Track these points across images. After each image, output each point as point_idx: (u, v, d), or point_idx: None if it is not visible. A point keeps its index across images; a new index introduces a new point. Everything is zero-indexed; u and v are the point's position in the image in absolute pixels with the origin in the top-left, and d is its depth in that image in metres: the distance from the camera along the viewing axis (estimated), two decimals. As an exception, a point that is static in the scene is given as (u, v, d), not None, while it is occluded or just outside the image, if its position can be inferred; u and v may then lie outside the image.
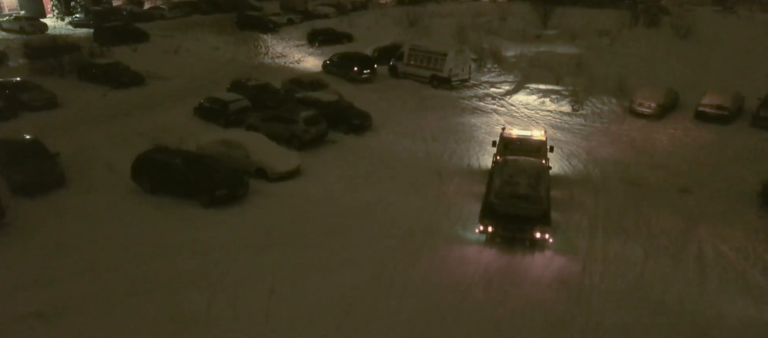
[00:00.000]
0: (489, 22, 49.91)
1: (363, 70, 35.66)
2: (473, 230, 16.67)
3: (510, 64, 38.34)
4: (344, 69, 36.06)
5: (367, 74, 35.84)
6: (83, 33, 47.60)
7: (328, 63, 37.76)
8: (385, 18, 52.83)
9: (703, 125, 26.17)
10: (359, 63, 35.95)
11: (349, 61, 36.36)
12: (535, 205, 15.95)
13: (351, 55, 37.75)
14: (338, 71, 36.49)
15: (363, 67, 35.74)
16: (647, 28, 48.03)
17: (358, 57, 36.99)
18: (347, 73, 35.74)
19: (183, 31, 50.23)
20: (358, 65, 35.70)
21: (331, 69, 37.29)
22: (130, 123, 26.70)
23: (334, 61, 37.42)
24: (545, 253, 15.83)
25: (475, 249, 16.02)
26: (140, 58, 39.80)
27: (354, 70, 35.46)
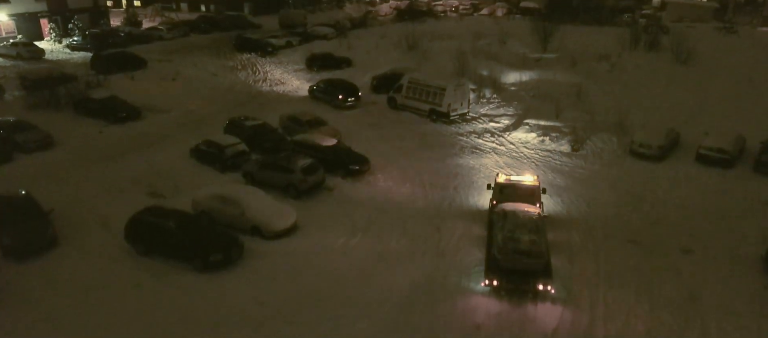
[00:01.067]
0: (488, 46, 49.64)
1: (348, 98, 36.61)
2: (479, 282, 17.58)
3: (509, 94, 38.08)
4: (330, 96, 37.08)
5: (351, 102, 36.75)
6: (80, 58, 47.45)
7: (314, 88, 38.65)
8: (384, 40, 52.55)
9: (704, 169, 25.85)
10: (344, 91, 36.97)
11: (334, 88, 37.47)
12: (537, 259, 16.85)
13: (336, 82, 38.74)
14: (324, 97, 37.52)
15: (348, 94, 36.83)
16: (647, 52, 47.84)
17: (343, 85, 37.96)
18: (333, 100, 36.66)
19: (181, 54, 50.03)
20: (343, 93, 36.71)
21: (317, 94, 38.30)
22: (126, 166, 26.42)
23: (320, 87, 38.38)
24: (548, 304, 16.69)
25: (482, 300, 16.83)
26: (137, 86, 39.60)
27: (339, 98, 36.36)
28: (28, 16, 52.40)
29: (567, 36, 50.64)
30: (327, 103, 37.04)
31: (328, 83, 38.44)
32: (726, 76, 41.09)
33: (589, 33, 59.62)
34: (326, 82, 38.61)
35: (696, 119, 32.92)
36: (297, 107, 35.24)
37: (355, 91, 37.50)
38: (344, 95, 36.75)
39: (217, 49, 52.27)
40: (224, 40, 58.55)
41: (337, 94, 36.79)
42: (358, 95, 37.33)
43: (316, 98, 38.16)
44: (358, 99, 37.23)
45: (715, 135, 26.90)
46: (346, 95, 36.81)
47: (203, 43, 55.77)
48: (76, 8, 56.59)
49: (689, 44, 44.64)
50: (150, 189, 24.05)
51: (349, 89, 37.53)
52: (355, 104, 36.79)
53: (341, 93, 36.79)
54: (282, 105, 36.83)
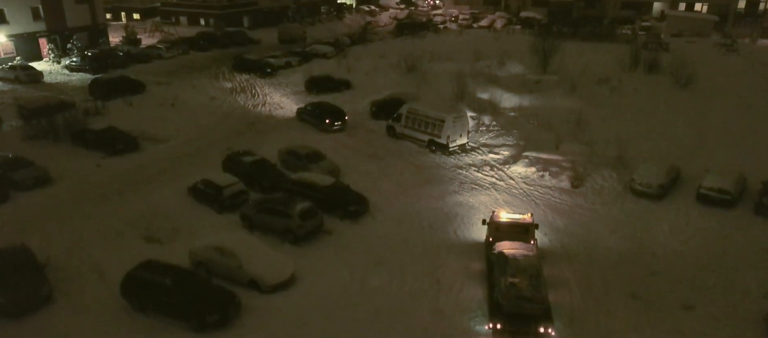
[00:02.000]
0: (488, 68, 49.47)
1: (334, 122, 37.35)
2: (483, 325, 18.45)
3: (509, 121, 37.91)
4: (317, 119, 37.83)
5: (338, 126, 37.45)
6: (79, 80, 47.29)
7: (301, 111, 39.41)
8: (384, 61, 52.35)
9: (705, 209, 25.67)
10: (331, 115, 37.78)
11: (322, 111, 38.23)
12: (538, 304, 17.81)
13: (324, 105, 39.36)
14: (311, 120, 38.27)
15: (335, 118, 37.58)
16: (647, 74, 47.66)
17: (330, 108, 38.68)
18: (320, 123, 37.42)
19: (180, 75, 49.90)
20: (330, 117, 37.48)
21: (304, 117, 39.03)
22: (123, 206, 26.24)
23: (307, 110, 39.14)
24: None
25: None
26: (136, 113, 39.47)
27: (326, 122, 37.15)
28: (27, 37, 52.27)
29: (567, 55, 50.41)
30: (314, 126, 37.80)
31: (315, 106, 39.05)
32: (726, 103, 40.91)
33: (589, 51, 59.44)
34: (314, 106, 39.21)
35: (697, 152, 32.73)
36: (296, 137, 35.13)
37: (342, 114, 38.16)
38: (331, 119, 37.46)
39: (217, 69, 52.18)
40: (223, 58, 58.51)
41: (324, 117, 37.45)
42: (344, 118, 38.00)
43: (304, 120, 38.85)
44: (345, 122, 37.88)
45: (716, 174, 26.70)
46: (333, 119, 37.52)
47: (202, 63, 55.62)
48: (75, 27, 56.43)
49: (689, 67, 44.53)
50: (147, 233, 23.88)
51: (336, 112, 38.20)
52: (341, 127, 37.44)
53: (328, 117, 37.50)
54: (281, 133, 36.69)
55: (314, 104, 39.87)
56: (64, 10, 55.10)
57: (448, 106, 39.36)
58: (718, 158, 31.76)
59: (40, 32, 53.35)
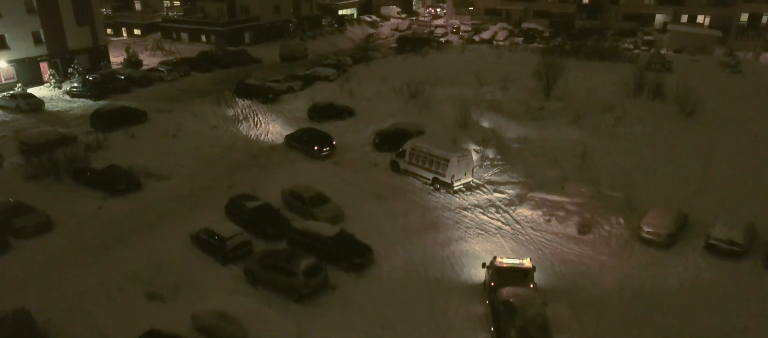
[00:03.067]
0: (491, 93, 49.17)
1: (322, 149, 38.12)
2: None
3: (513, 154, 37.57)
4: (305, 146, 38.62)
5: (326, 152, 38.19)
6: (80, 107, 47.06)
7: (290, 137, 40.22)
8: (386, 86, 52.00)
9: (714, 260, 25.35)
10: (319, 141, 38.49)
11: (310, 138, 39.02)
12: None
13: (312, 132, 40.10)
14: (299, 147, 39.05)
15: (323, 145, 38.33)
16: (652, 100, 47.36)
17: (318, 135, 39.36)
18: (308, 150, 38.25)
19: (182, 101, 49.65)
20: (318, 144, 38.25)
21: (292, 144, 39.71)
22: (125, 256, 25.97)
23: (295, 136, 39.99)
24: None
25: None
26: (137, 145, 39.24)
27: (314, 149, 37.97)
28: (28, 61, 52.08)
29: (570, 76, 49.97)
30: (303, 152, 38.53)
31: (303, 133, 39.85)
32: (732, 134, 40.62)
33: (591, 72, 59.25)
34: (302, 132, 40.03)
35: (704, 191, 32.39)
36: (299, 174, 34.84)
37: (329, 140, 38.85)
38: (319, 145, 38.17)
39: (218, 94, 51.91)
40: (225, 80, 58.25)
41: (312, 144, 38.21)
42: (332, 144, 38.71)
43: (292, 146, 39.55)
44: (333, 148, 38.65)
45: (725, 222, 26.34)
46: (322, 145, 38.22)
47: (204, 86, 55.40)
48: (76, 49, 56.26)
49: (694, 95, 44.18)
50: (149, 288, 23.58)
51: (324, 139, 38.86)
52: (330, 152, 38.27)
53: (316, 144, 38.21)
54: (284, 167, 36.40)
55: (302, 130, 40.61)
56: (65, 33, 54.96)
57: (452, 141, 39.13)
58: (726, 197, 31.45)
59: (41, 57, 53.15)
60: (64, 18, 54.48)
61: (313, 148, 37.97)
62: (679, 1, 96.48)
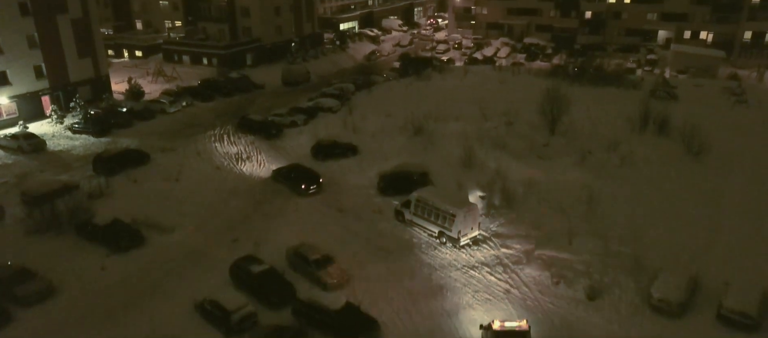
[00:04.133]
0: (495, 129, 48.80)
1: (310, 186, 38.65)
2: None
3: (520, 201, 37.16)
4: (292, 183, 39.12)
5: (313, 190, 38.68)
6: (82, 146, 46.76)
7: (277, 172, 40.80)
8: (390, 121, 51.63)
9: (726, 332, 25.00)
10: (306, 179, 39.08)
11: (297, 175, 39.60)
12: None
13: (299, 168, 40.74)
14: (286, 184, 39.45)
15: (310, 183, 38.88)
16: (657, 137, 46.99)
17: (305, 173, 40.00)
18: (295, 188, 38.76)
19: (184, 136, 49.36)
20: (306, 182, 38.84)
21: (279, 179, 40.15)
22: (128, 328, 25.66)
23: (282, 172, 40.56)
24: None
25: None
26: (140, 192, 38.92)
27: (302, 187, 38.50)
28: (30, 96, 51.78)
29: (573, 105, 49.43)
30: (290, 189, 38.99)
31: (290, 170, 40.43)
32: (741, 176, 40.35)
33: (595, 101, 58.87)
34: (289, 169, 40.61)
35: (714, 245, 32.01)
36: (304, 225, 34.54)
37: (317, 178, 39.40)
38: (306, 183, 38.73)
39: (221, 128, 51.62)
40: (227, 110, 57.96)
41: (299, 182, 38.80)
42: (319, 182, 39.21)
43: (279, 182, 40.04)
44: (320, 185, 39.11)
45: (737, 290, 25.97)
46: (309, 183, 38.79)
47: (206, 118, 55.06)
48: (78, 81, 55.96)
49: (699, 133, 43.77)
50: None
51: (311, 177, 39.48)
52: (317, 190, 38.69)
53: (304, 182, 38.78)
54: (288, 217, 36.07)
55: (290, 166, 41.21)
56: (67, 66, 54.70)
57: (457, 186, 38.88)
58: (736, 252, 31.13)
59: (43, 90, 52.84)
60: (65, 51, 54.19)
61: (301, 186, 38.51)
62: (682, 17, 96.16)
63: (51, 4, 52.23)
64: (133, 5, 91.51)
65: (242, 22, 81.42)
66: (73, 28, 54.40)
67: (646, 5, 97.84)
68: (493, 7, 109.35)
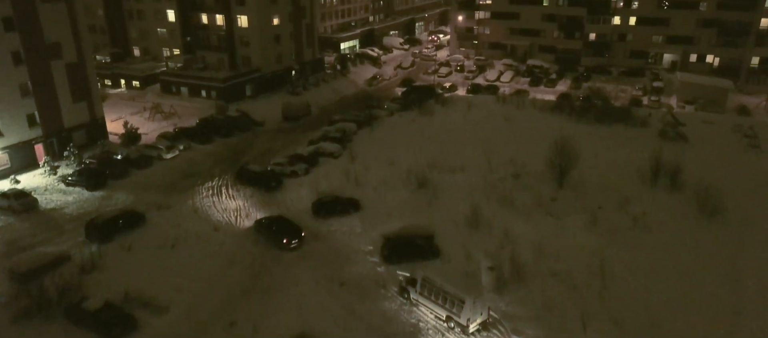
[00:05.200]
0: (502, 182, 47.36)
1: (291, 241, 38.24)
2: None
3: (530, 275, 35.63)
4: (274, 237, 38.71)
5: (295, 244, 38.32)
6: (76, 203, 45.21)
7: (259, 224, 40.51)
8: (392, 170, 50.21)
9: None
10: (288, 233, 38.59)
11: (279, 228, 39.17)
12: None
13: (281, 221, 40.27)
14: (268, 237, 39.11)
15: (291, 237, 38.42)
16: (669, 192, 45.52)
17: (287, 227, 39.49)
18: (277, 242, 38.31)
19: (181, 189, 48.00)
20: (287, 236, 38.35)
21: (261, 230, 39.98)
22: None
23: (263, 223, 40.29)
24: None
25: None
26: (134, 262, 37.39)
27: (283, 241, 38.06)
28: (22, 146, 50.29)
29: (581, 147, 47.96)
30: (271, 243, 38.63)
31: (272, 221, 40.16)
32: (759, 241, 38.90)
33: (604, 141, 57.59)
34: (270, 221, 40.30)
35: (737, 329, 30.59)
36: (305, 301, 33.08)
37: (299, 233, 39.08)
38: (288, 238, 38.29)
39: (220, 179, 50.22)
40: (226, 155, 56.56)
41: (280, 237, 38.33)
42: (301, 236, 38.89)
43: (260, 233, 39.89)
44: (302, 239, 38.83)
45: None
46: (290, 237, 38.37)
47: (204, 165, 53.60)
48: (73, 126, 54.50)
49: (713, 190, 42.38)
50: None
51: (293, 230, 39.08)
52: (298, 245, 38.38)
53: (285, 236, 38.32)
54: (289, 292, 34.54)
55: (271, 218, 40.86)
56: (61, 112, 53.22)
57: (466, 257, 37.32)
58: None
59: (36, 139, 51.37)
60: (60, 97, 52.76)
61: (282, 240, 38.11)
62: (687, 40, 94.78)
63: (45, 51, 50.81)
64: (130, 32, 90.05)
65: (242, 51, 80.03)
66: (67, 73, 52.98)
67: (652, 27, 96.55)
68: (495, 27, 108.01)
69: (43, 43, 50.61)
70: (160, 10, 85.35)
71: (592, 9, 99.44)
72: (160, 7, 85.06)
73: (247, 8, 76.96)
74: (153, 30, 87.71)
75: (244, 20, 77.91)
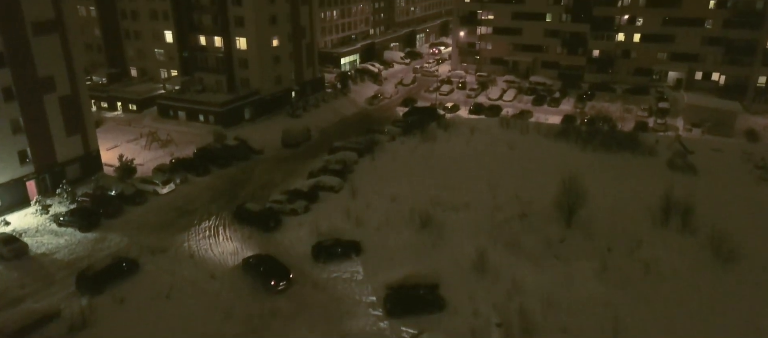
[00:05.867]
0: (508, 223, 45.87)
1: (279, 283, 37.57)
2: None
3: (538, 330, 34.21)
4: (261, 279, 38.00)
5: (283, 286, 37.58)
6: (67, 246, 43.74)
7: (246, 262, 40.07)
8: (395, 208, 48.70)
9: None
10: (276, 275, 37.88)
11: (266, 269, 38.40)
12: None
13: (268, 261, 39.50)
14: (255, 277, 38.45)
15: (279, 279, 37.71)
16: (681, 234, 43.99)
17: (275, 268, 38.64)
18: (264, 284, 37.57)
19: (178, 229, 46.57)
20: (275, 278, 37.64)
21: (248, 270, 39.35)
22: None
23: (250, 262, 39.76)
24: None
25: None
26: (127, 317, 35.95)
27: (271, 283, 37.32)
28: (13, 183, 48.86)
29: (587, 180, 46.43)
30: (259, 283, 37.97)
31: (259, 261, 39.56)
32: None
33: (610, 172, 56.13)
34: (258, 260, 39.75)
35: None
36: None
37: (287, 274, 38.34)
38: (276, 279, 37.58)
39: (217, 215, 48.83)
40: (224, 188, 55.16)
41: (268, 278, 37.61)
42: (289, 277, 38.20)
43: (248, 273, 39.32)
44: (290, 281, 38.09)
45: None
46: (278, 279, 37.65)
47: (202, 201, 52.13)
48: (66, 160, 53.08)
49: (727, 233, 40.89)
50: None
51: (281, 271, 38.35)
52: (286, 287, 37.60)
53: (273, 278, 37.62)
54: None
55: (259, 257, 40.30)
56: (54, 147, 51.80)
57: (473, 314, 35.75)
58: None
59: (27, 175, 49.94)
60: (53, 131, 51.39)
61: (270, 282, 37.49)
62: (693, 58, 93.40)
63: (38, 86, 49.45)
64: (127, 51, 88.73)
65: (240, 73, 78.70)
66: (61, 106, 51.63)
67: (656, 44, 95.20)
68: (497, 42, 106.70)
69: (35, 78, 49.28)
70: (157, 31, 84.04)
71: (595, 25, 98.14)
72: (158, 28, 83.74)
73: (246, 30, 75.65)
74: (150, 50, 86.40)
75: (242, 42, 76.59)
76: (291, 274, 38.65)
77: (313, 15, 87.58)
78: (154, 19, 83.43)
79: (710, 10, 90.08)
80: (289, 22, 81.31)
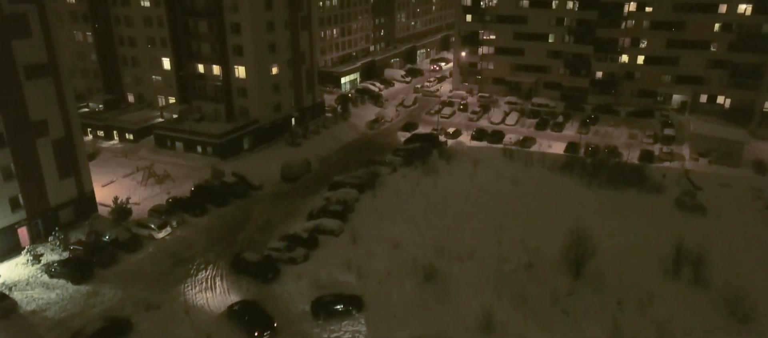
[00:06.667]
0: (514, 274, 44.47)
1: (263, 333, 37.56)
2: None
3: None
4: (246, 328, 37.91)
5: (267, 336, 37.65)
6: (58, 301, 42.27)
7: (230, 309, 40.07)
8: (397, 256, 47.25)
9: None
10: (260, 325, 37.88)
11: (251, 319, 38.44)
12: None
13: (252, 309, 39.62)
14: (239, 325, 38.40)
15: (264, 329, 37.75)
16: (693, 288, 42.56)
17: (260, 317, 38.66)
18: (248, 334, 37.48)
19: (173, 282, 45.08)
20: (259, 329, 37.60)
21: (232, 318, 39.35)
22: None
23: (234, 310, 39.81)
24: None
25: None
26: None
27: (255, 335, 37.36)
28: (4, 231, 47.39)
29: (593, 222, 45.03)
30: (243, 331, 37.93)
31: (243, 308, 39.82)
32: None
33: (617, 212, 54.77)
34: (242, 307, 39.99)
35: None
36: None
37: (271, 323, 38.41)
38: (260, 330, 37.57)
39: (214, 264, 47.42)
40: (222, 230, 53.77)
41: (252, 329, 37.60)
42: (273, 327, 38.26)
43: (232, 320, 39.26)
44: (275, 331, 38.17)
45: None
46: (262, 330, 37.68)
47: (198, 247, 50.59)
48: (60, 204, 51.67)
49: (742, 290, 39.50)
50: None
51: (264, 320, 38.43)
52: (271, 336, 37.77)
53: (257, 329, 37.57)
54: None
55: (243, 304, 40.56)
56: (46, 190, 50.39)
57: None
58: None
59: (19, 222, 48.53)
60: (46, 175, 49.99)
61: (254, 334, 37.47)
62: (697, 81, 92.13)
63: (30, 130, 48.10)
64: (124, 77, 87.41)
65: (239, 101, 77.37)
66: (54, 149, 50.25)
67: (661, 67, 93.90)
68: (499, 63, 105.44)
69: (28, 122, 47.92)
70: (155, 58, 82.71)
71: (599, 47, 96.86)
72: (155, 55, 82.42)
73: (245, 59, 74.31)
74: (148, 77, 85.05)
75: (241, 71, 75.27)
76: (275, 323, 38.59)
77: (313, 39, 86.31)
78: (151, 46, 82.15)
79: (715, 33, 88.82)
80: (289, 48, 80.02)
